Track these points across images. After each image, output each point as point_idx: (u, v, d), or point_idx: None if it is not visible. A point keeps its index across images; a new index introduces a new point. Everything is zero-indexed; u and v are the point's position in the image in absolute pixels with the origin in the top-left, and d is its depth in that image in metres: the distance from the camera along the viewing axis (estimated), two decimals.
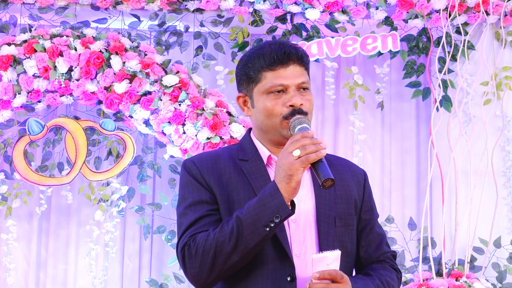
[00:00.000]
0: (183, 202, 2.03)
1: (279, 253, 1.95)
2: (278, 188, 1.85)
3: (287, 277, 1.93)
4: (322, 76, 4.62)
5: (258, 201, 1.87)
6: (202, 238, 1.92)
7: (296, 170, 1.83)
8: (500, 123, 4.29)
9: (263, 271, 1.94)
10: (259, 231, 1.85)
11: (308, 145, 1.83)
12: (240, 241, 1.86)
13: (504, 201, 4.25)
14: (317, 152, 1.83)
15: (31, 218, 4.51)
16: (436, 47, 4.36)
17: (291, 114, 1.98)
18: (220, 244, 1.88)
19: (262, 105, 2.02)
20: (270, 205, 1.85)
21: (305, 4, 4.27)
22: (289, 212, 1.86)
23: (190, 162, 2.07)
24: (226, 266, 1.90)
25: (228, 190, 2.00)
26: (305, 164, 1.83)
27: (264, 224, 1.85)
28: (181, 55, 4.42)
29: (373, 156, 4.64)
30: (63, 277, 4.50)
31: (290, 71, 2.00)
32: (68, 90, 4.13)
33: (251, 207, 1.87)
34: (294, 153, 1.83)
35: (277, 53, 2.00)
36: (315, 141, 1.84)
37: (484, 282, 4.01)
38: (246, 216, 1.87)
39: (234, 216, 1.89)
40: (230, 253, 1.88)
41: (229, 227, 1.88)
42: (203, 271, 1.92)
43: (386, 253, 2.14)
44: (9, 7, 4.31)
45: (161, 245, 4.50)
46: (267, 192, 1.86)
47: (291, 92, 1.99)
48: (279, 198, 1.84)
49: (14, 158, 4.20)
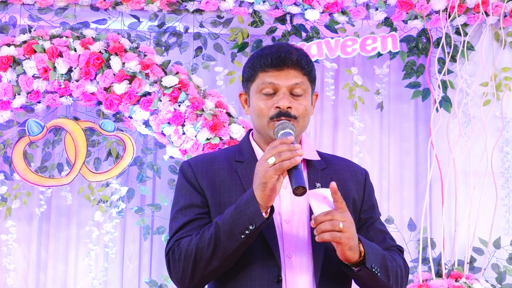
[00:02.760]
0: (176, 206, 2.06)
1: (266, 254, 1.95)
2: (255, 196, 1.85)
3: (274, 278, 1.93)
4: (321, 77, 4.61)
5: (235, 208, 1.87)
6: (185, 244, 1.94)
7: (270, 178, 1.82)
8: (500, 124, 4.29)
9: (251, 272, 1.95)
10: (235, 237, 1.86)
11: (284, 152, 1.81)
12: (218, 248, 1.88)
13: (502, 202, 4.25)
14: (291, 159, 1.81)
15: (31, 219, 4.50)
16: (435, 48, 4.36)
17: (276, 116, 1.98)
18: (200, 250, 1.90)
19: (254, 104, 2.04)
20: (246, 212, 1.85)
21: (304, 5, 4.27)
22: (263, 220, 1.85)
23: (186, 164, 2.09)
24: (208, 271, 1.92)
25: (220, 192, 2.01)
26: (279, 171, 1.82)
27: (240, 231, 1.85)
28: (181, 56, 4.42)
29: (371, 157, 4.64)
30: (63, 278, 4.50)
31: (284, 74, 2.00)
32: (68, 91, 4.13)
33: (228, 214, 1.88)
34: (269, 161, 1.82)
35: (272, 56, 2.00)
36: (292, 148, 1.82)
37: (484, 283, 4.01)
38: (223, 223, 1.87)
39: (214, 222, 1.90)
40: (209, 259, 1.89)
41: (208, 233, 1.90)
42: (185, 276, 1.94)
43: (391, 246, 2.11)
44: (8, 7, 4.30)
45: (160, 246, 4.50)
46: (244, 199, 1.87)
47: (280, 94, 2.00)
48: (255, 205, 1.84)
49: (14, 158, 4.20)
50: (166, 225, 4.24)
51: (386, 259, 1.97)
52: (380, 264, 1.94)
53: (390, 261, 1.99)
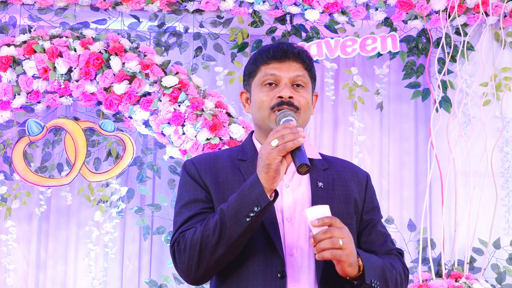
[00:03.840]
0: (180, 201, 2.07)
1: (270, 250, 1.96)
2: (259, 179, 1.86)
3: (278, 274, 1.94)
4: (321, 77, 4.61)
5: (240, 193, 1.89)
6: (190, 234, 1.95)
7: (274, 159, 1.84)
8: (500, 124, 4.29)
9: (254, 268, 1.95)
10: (241, 221, 1.87)
11: (286, 135, 1.85)
12: (223, 234, 1.89)
13: (502, 202, 4.25)
14: (294, 140, 1.84)
15: (31, 219, 4.50)
16: (435, 48, 4.36)
17: (278, 105, 2.01)
18: (205, 237, 1.91)
19: (255, 98, 2.07)
20: (251, 195, 1.86)
21: (304, 5, 4.27)
22: (268, 201, 1.86)
23: (189, 162, 2.11)
24: (213, 259, 1.92)
25: (223, 189, 2.03)
26: (283, 152, 1.84)
27: (246, 214, 1.86)
28: (181, 56, 4.42)
29: (371, 157, 4.64)
30: (62, 278, 4.50)
31: (286, 65, 2.05)
32: (68, 91, 4.13)
33: (233, 199, 1.90)
34: (272, 143, 1.85)
35: (274, 49, 2.05)
36: (295, 131, 1.86)
37: (484, 283, 4.01)
38: (228, 208, 1.89)
39: (218, 209, 1.92)
40: (215, 245, 1.90)
41: (213, 220, 1.91)
42: (191, 266, 1.95)
43: (391, 250, 2.13)
44: (8, 8, 4.31)
45: (160, 246, 4.50)
46: (248, 183, 1.89)
47: (282, 85, 2.03)
48: (259, 188, 1.86)
49: (14, 159, 4.20)
50: (166, 225, 4.24)
51: (385, 269, 1.99)
52: (379, 276, 1.96)
53: (390, 271, 2.01)
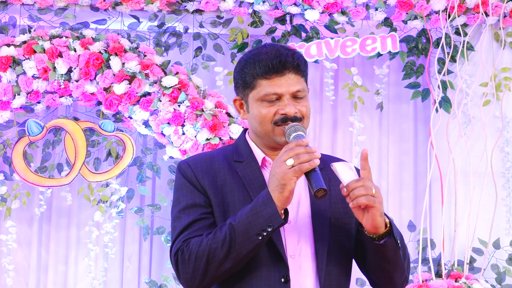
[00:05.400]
0: (177, 205, 2.03)
1: (273, 255, 1.95)
2: (271, 197, 1.85)
3: (281, 278, 1.93)
4: (321, 77, 4.61)
5: (251, 209, 1.87)
6: (196, 244, 1.92)
7: (289, 180, 1.83)
8: (500, 124, 4.29)
9: (257, 273, 1.94)
10: (251, 239, 1.86)
11: (302, 154, 1.83)
12: (232, 249, 1.87)
13: (503, 202, 4.25)
14: (310, 161, 1.82)
15: (31, 219, 4.50)
16: (435, 48, 4.36)
17: (281, 121, 1.98)
18: (213, 250, 1.89)
19: (256, 112, 2.02)
20: (263, 213, 1.85)
21: (304, 5, 4.27)
22: (281, 222, 1.86)
23: (185, 164, 2.07)
24: (219, 272, 1.91)
25: (222, 193, 2.00)
26: (299, 173, 1.83)
27: (257, 232, 1.85)
28: (181, 56, 4.42)
29: (371, 157, 4.55)
30: (62, 278, 4.49)
31: (285, 79, 1.99)
32: (68, 91, 4.13)
33: (244, 215, 1.87)
34: (287, 162, 1.83)
35: (272, 61, 1.98)
36: (309, 150, 1.84)
37: (484, 283, 4.01)
38: (239, 224, 1.87)
39: (227, 223, 1.89)
40: (222, 260, 1.89)
41: (222, 234, 1.89)
42: (196, 277, 1.92)
43: None
44: (8, 8, 4.30)
45: (160, 246, 4.50)
46: (260, 200, 1.87)
47: (285, 100, 1.99)
48: (272, 207, 1.84)
49: (14, 159, 4.20)
50: (166, 226, 4.24)
51: (402, 237, 2.00)
52: (400, 238, 1.98)
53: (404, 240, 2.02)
